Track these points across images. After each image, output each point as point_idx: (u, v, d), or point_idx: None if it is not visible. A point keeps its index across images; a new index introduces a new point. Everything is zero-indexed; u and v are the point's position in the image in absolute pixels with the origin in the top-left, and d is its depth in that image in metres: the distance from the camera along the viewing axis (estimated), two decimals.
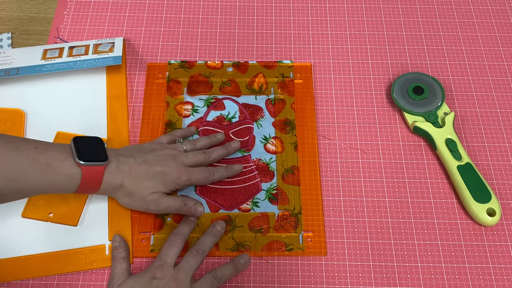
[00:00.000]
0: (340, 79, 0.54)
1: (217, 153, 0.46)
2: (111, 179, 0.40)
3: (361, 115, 0.52)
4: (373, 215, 0.46)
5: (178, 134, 0.47)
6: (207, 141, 0.47)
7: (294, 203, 0.46)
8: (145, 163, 0.41)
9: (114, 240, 0.43)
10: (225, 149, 0.47)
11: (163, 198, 0.42)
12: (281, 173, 0.48)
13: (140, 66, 0.54)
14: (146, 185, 0.41)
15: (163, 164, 0.42)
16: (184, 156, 0.43)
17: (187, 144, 0.45)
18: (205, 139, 0.47)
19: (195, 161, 0.44)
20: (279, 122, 0.51)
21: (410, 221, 0.46)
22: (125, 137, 0.49)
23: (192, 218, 0.44)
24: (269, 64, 0.54)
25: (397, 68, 0.55)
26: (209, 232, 0.43)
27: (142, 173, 0.41)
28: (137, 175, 0.40)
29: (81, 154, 0.38)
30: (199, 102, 0.52)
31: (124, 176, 0.40)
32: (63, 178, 0.37)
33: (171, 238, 0.42)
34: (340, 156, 0.49)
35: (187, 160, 0.43)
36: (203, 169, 0.44)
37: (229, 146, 0.47)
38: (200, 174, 0.43)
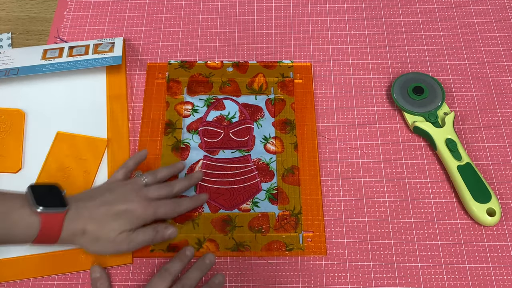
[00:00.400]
0: (340, 79, 0.54)
1: (181, 185, 0.44)
2: (71, 226, 0.38)
3: (361, 115, 0.52)
4: (373, 215, 0.46)
5: (131, 164, 0.44)
6: (167, 172, 0.45)
7: (294, 203, 0.46)
8: (105, 203, 0.39)
9: (94, 271, 0.41)
10: (189, 180, 0.45)
11: (133, 235, 0.40)
12: (281, 173, 0.48)
13: (140, 66, 0.54)
14: (112, 227, 0.39)
15: (125, 201, 0.40)
16: (147, 190, 0.41)
17: (147, 177, 0.43)
18: (165, 170, 0.45)
19: (158, 195, 0.42)
20: (279, 122, 0.51)
21: (410, 221, 0.46)
22: (125, 137, 0.50)
23: (188, 252, 0.42)
24: (269, 64, 0.54)
25: (397, 68, 0.55)
26: (197, 267, 0.41)
27: (105, 214, 0.39)
28: (99, 218, 0.39)
29: (38, 201, 0.37)
30: (199, 102, 0.52)
31: (86, 222, 0.38)
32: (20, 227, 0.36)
33: (162, 272, 0.40)
34: (340, 156, 0.49)
35: (150, 194, 0.41)
36: (169, 201, 0.42)
37: (192, 177, 0.45)
38: (166, 207, 0.41)
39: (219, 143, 0.50)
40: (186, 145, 0.50)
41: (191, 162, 0.49)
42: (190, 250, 0.43)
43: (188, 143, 0.50)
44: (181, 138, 0.50)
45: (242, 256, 0.44)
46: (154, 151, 0.49)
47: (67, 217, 0.38)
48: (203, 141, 0.50)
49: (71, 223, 0.38)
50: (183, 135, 0.50)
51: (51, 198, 0.38)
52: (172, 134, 0.50)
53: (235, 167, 0.49)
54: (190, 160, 0.49)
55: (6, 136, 0.49)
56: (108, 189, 0.41)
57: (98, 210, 0.39)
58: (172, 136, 0.50)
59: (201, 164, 0.49)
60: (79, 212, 0.38)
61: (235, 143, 0.50)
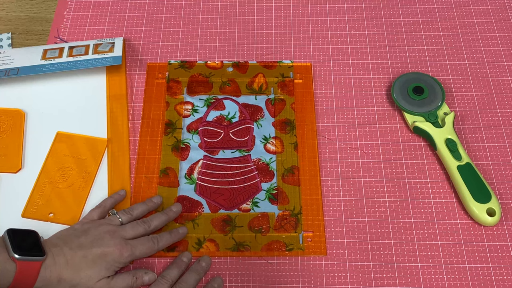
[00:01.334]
0: (340, 79, 0.54)
1: (158, 220, 0.43)
2: (46, 274, 0.36)
3: (361, 115, 0.52)
4: (373, 215, 0.46)
5: (108, 203, 0.43)
6: (143, 208, 0.43)
7: (294, 203, 0.46)
8: (81, 248, 0.38)
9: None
10: (166, 215, 0.43)
11: (112, 282, 0.39)
12: (281, 173, 0.48)
13: (140, 66, 0.54)
14: (89, 275, 0.37)
15: (100, 244, 0.38)
16: (122, 230, 0.40)
17: (123, 215, 0.42)
18: (141, 206, 0.43)
19: (135, 234, 0.41)
20: (279, 122, 0.51)
21: (410, 221, 0.46)
22: (125, 137, 0.50)
23: (185, 258, 0.42)
24: (269, 64, 0.54)
25: (397, 68, 0.55)
26: (193, 269, 0.41)
27: (81, 261, 0.37)
28: (75, 265, 0.37)
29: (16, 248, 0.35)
30: (199, 102, 0.52)
31: (61, 269, 0.37)
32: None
33: (159, 280, 0.40)
34: (340, 156, 0.49)
35: (126, 234, 0.40)
36: (145, 239, 0.41)
37: (170, 211, 0.44)
38: (143, 246, 0.40)
39: (219, 143, 0.50)
40: (186, 145, 0.50)
41: (191, 162, 0.49)
42: (187, 256, 0.42)
43: (188, 143, 0.50)
44: (181, 138, 0.50)
45: (242, 256, 0.44)
46: (154, 151, 0.49)
47: (43, 265, 0.37)
48: (203, 141, 0.50)
49: (47, 271, 0.37)
50: (183, 135, 0.50)
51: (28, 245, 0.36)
52: (172, 134, 0.50)
53: (235, 167, 0.49)
54: (190, 160, 0.49)
55: (6, 136, 0.49)
56: (83, 231, 0.40)
57: (74, 256, 0.38)
58: (172, 136, 0.50)
59: (201, 164, 0.49)
60: (55, 260, 0.37)
61: (235, 143, 0.50)
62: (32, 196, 0.46)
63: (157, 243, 0.41)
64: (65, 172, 0.47)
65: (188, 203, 0.47)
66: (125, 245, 0.39)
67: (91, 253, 0.38)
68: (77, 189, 0.46)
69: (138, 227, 0.41)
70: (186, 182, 0.48)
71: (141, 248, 0.40)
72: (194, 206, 0.46)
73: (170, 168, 0.48)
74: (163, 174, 0.48)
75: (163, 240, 0.42)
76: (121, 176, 0.47)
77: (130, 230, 0.41)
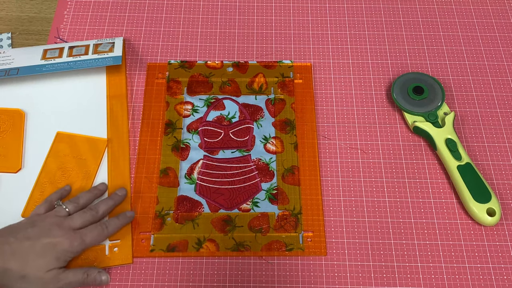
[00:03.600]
0: (340, 79, 0.54)
1: (105, 206, 0.43)
2: None
3: (361, 115, 0.52)
4: (373, 215, 0.46)
5: (54, 197, 0.43)
6: (89, 196, 0.44)
7: (294, 203, 0.47)
8: (28, 239, 0.37)
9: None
10: (112, 199, 0.44)
11: (63, 274, 0.38)
12: (281, 173, 0.48)
13: (140, 66, 0.54)
14: (38, 264, 0.37)
15: (48, 234, 0.38)
16: (70, 220, 0.40)
17: (69, 205, 0.42)
18: (86, 195, 0.44)
19: (83, 222, 0.41)
20: (279, 122, 0.51)
21: (410, 221, 0.46)
22: (125, 137, 0.50)
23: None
24: (269, 64, 0.54)
25: (397, 68, 0.55)
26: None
27: (28, 250, 0.37)
28: (23, 254, 0.37)
29: None
30: (199, 102, 0.52)
31: (7, 259, 0.36)
32: None
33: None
34: (340, 156, 0.49)
35: (74, 223, 0.40)
36: (94, 226, 0.41)
37: (115, 196, 0.44)
38: (93, 233, 0.40)
39: (219, 143, 0.50)
40: (186, 145, 0.50)
41: (191, 161, 0.49)
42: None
43: (188, 143, 0.50)
44: (181, 138, 0.50)
45: (242, 256, 0.44)
46: (154, 151, 0.49)
47: None
48: (203, 141, 0.50)
49: None
50: (183, 135, 0.50)
51: None
52: (172, 134, 0.50)
53: (235, 167, 0.49)
54: (190, 160, 0.49)
55: (6, 136, 0.49)
56: (30, 223, 0.39)
57: (21, 246, 0.37)
58: (172, 136, 0.50)
59: (201, 164, 0.49)
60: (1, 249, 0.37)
61: (235, 143, 0.50)
62: (32, 195, 0.46)
63: (106, 228, 0.42)
64: (65, 172, 0.47)
65: (188, 203, 0.47)
66: (74, 234, 0.39)
67: (39, 243, 0.38)
68: (77, 190, 0.46)
69: (86, 214, 0.41)
70: (186, 182, 0.48)
71: (90, 235, 0.40)
72: (194, 206, 0.47)
73: (170, 168, 0.48)
74: (163, 174, 0.48)
75: (111, 225, 0.42)
76: (121, 176, 0.47)
77: (78, 219, 0.41)
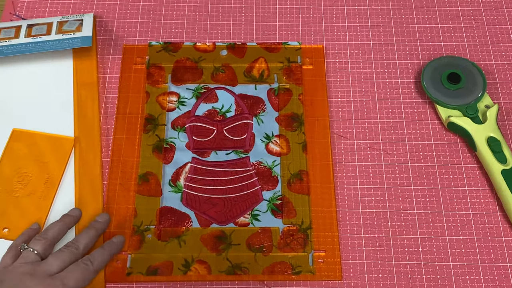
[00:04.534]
0: (359, 64, 0.54)
1: (86, 238, 0.42)
2: None
3: (384, 108, 0.52)
4: (399, 231, 0.46)
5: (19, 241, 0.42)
6: (60, 226, 0.43)
7: (302, 216, 0.47)
8: None
9: None
10: (94, 228, 0.43)
11: None
12: (287, 179, 0.49)
13: (114, 48, 0.54)
14: None
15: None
16: (45, 264, 0.40)
17: (36, 245, 0.41)
18: (56, 225, 0.43)
19: (62, 264, 0.40)
20: (284, 117, 0.51)
21: (444, 238, 0.46)
22: (95, 136, 0.50)
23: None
24: (272, 47, 0.54)
25: (429, 51, 0.55)
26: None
27: None
28: None
29: None
30: (186, 92, 0.52)
31: None
32: None
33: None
34: (358, 158, 0.50)
35: (50, 268, 0.40)
36: (75, 265, 0.41)
37: (97, 223, 0.44)
38: (75, 274, 0.40)
39: (210, 142, 0.50)
40: (171, 145, 0.50)
41: (177, 165, 0.49)
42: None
43: (173, 142, 0.50)
44: (164, 137, 0.50)
45: (239, 281, 0.44)
46: (132, 152, 0.49)
47: None
48: (192, 140, 0.50)
49: None
50: (167, 132, 0.50)
51: None
52: (154, 132, 0.50)
53: (230, 172, 0.49)
54: (175, 163, 0.49)
55: None
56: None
57: None
58: (154, 134, 0.50)
59: (188, 168, 0.49)
60: None
61: (230, 143, 0.50)
62: None
63: (92, 264, 0.41)
64: (23, 177, 0.47)
65: (173, 216, 0.47)
66: (52, 281, 0.39)
67: None
68: (38, 198, 0.46)
69: (63, 254, 0.41)
70: (171, 190, 0.48)
71: (73, 277, 0.40)
72: (180, 220, 0.47)
73: (151, 173, 0.49)
74: (142, 181, 0.48)
75: (97, 259, 0.42)
76: (91, 183, 0.48)
77: (55, 261, 0.40)
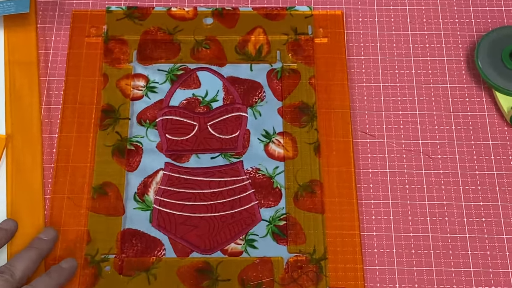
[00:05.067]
0: (390, 38, 0.54)
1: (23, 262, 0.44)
2: None
3: (425, 97, 0.52)
4: (445, 262, 0.46)
5: None
6: None
7: (314, 241, 0.46)
8: None
9: None
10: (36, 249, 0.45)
11: None
12: (293, 193, 0.48)
13: (60, 15, 0.54)
14: None
15: None
16: None
17: None
18: None
19: None
20: (290, 108, 0.51)
21: (507, 272, 0.46)
22: (34, 133, 0.50)
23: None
24: (274, 13, 0.54)
25: (485, 20, 0.55)
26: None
27: None
28: None
29: None
30: (157, 75, 0.52)
31: None
32: None
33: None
34: (390, 164, 0.49)
35: None
36: None
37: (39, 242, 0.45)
38: None
39: (190, 142, 0.50)
40: (136, 146, 0.50)
41: (145, 174, 0.49)
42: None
43: (139, 142, 0.50)
44: (127, 135, 0.50)
45: None
46: (84, 155, 0.49)
47: None
48: (165, 139, 0.50)
49: None
50: (132, 129, 0.50)
51: None
52: (113, 128, 0.50)
53: (217, 182, 0.49)
54: (143, 171, 0.49)
55: None
56: None
57: None
58: (113, 131, 0.50)
59: (160, 177, 0.49)
60: None
61: (216, 143, 0.50)
62: None
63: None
64: None
65: (140, 242, 0.47)
66: None
67: None
68: None
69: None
70: (137, 207, 0.48)
71: None
72: (149, 247, 0.46)
73: (110, 184, 0.49)
74: (98, 194, 0.48)
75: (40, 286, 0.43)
76: (28, 194, 0.48)
77: None
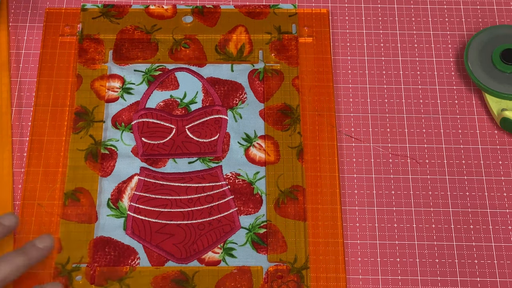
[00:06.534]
0: (378, 37, 0.54)
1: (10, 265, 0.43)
2: None
3: (412, 99, 0.52)
4: (430, 271, 0.46)
5: None
6: None
7: (295, 250, 0.46)
8: None
9: None
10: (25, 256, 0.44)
11: None
12: (274, 199, 0.48)
13: (33, 13, 0.54)
14: None
15: None
16: None
17: None
18: None
19: None
20: (273, 110, 0.51)
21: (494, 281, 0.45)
22: (4, 136, 0.49)
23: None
24: (256, 11, 0.54)
25: (476, 19, 0.55)
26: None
27: None
28: None
29: None
30: (134, 76, 0.52)
31: None
32: None
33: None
34: (376, 169, 0.49)
35: None
36: None
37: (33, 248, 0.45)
38: None
39: (167, 146, 0.50)
40: (111, 150, 0.50)
41: (119, 179, 0.49)
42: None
43: (113, 146, 0.50)
44: (101, 138, 0.50)
45: None
46: (56, 159, 0.49)
47: None
48: (140, 143, 0.50)
49: None
50: (106, 132, 0.51)
51: None
52: (87, 131, 0.50)
53: (195, 188, 0.49)
54: (117, 176, 0.49)
55: None
56: None
57: None
58: (87, 134, 0.50)
59: (135, 182, 0.49)
60: None
61: (195, 147, 0.50)
62: None
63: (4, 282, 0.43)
64: None
65: (113, 251, 0.47)
66: None
67: None
68: None
69: None
70: (110, 214, 0.48)
71: None
72: (123, 256, 0.46)
73: (83, 189, 0.48)
74: (70, 200, 0.48)
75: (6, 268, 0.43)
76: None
77: None
